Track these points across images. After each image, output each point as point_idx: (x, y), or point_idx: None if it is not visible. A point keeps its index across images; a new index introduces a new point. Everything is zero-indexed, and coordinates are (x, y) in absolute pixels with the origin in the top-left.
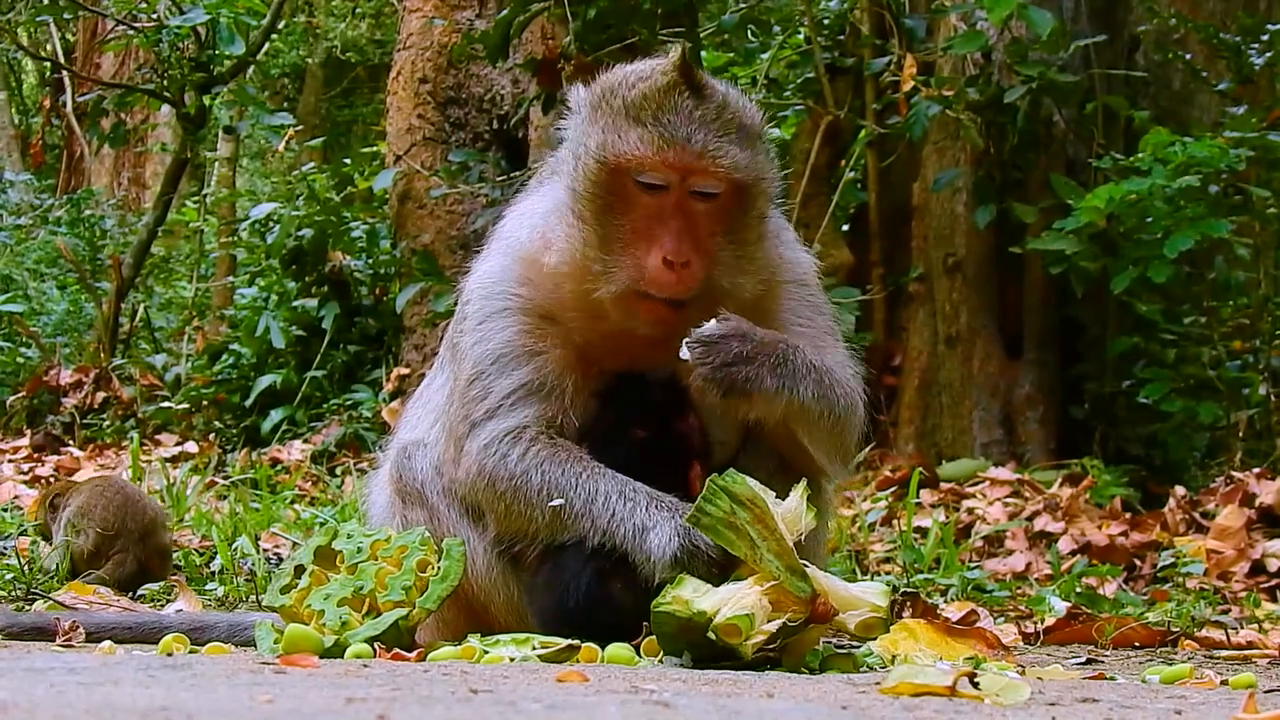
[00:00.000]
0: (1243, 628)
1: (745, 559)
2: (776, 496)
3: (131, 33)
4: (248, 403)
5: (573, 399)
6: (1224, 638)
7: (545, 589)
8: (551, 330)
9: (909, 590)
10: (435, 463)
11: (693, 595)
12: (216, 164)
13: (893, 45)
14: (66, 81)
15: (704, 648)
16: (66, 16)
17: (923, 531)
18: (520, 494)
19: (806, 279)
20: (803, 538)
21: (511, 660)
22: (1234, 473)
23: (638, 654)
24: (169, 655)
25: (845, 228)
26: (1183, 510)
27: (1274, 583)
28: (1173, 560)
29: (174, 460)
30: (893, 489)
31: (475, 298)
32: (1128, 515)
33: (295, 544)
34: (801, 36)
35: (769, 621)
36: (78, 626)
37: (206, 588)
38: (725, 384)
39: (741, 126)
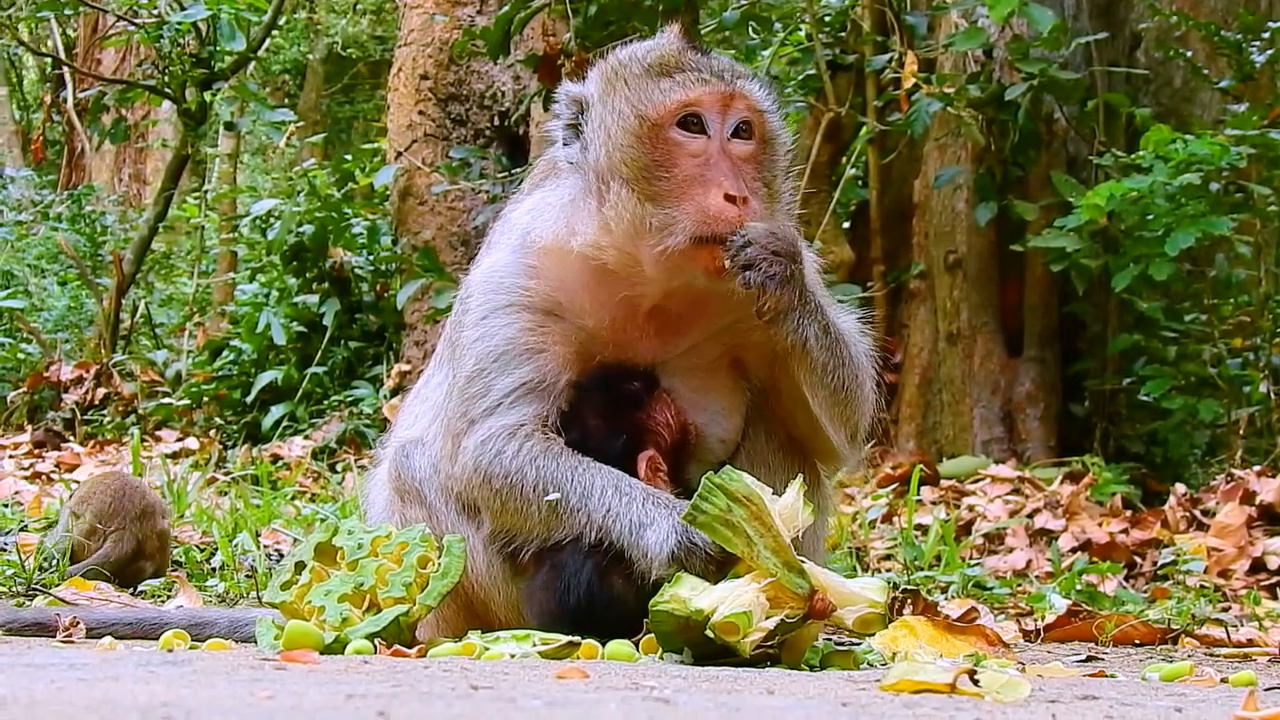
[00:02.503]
0: (1243, 625)
1: (742, 556)
2: (774, 493)
3: (132, 29)
4: (248, 399)
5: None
6: (1224, 635)
7: (544, 590)
8: (555, 327)
9: (909, 587)
10: (433, 461)
11: (690, 594)
12: (217, 160)
13: (894, 42)
14: (67, 77)
15: (703, 646)
16: (68, 12)
17: (923, 529)
18: (515, 490)
19: (811, 279)
20: (800, 534)
21: (512, 657)
22: (1234, 470)
23: (638, 651)
24: (169, 651)
25: (846, 225)
26: (1183, 508)
27: (1274, 580)
28: (1173, 558)
29: (174, 456)
30: (893, 486)
31: (479, 291)
32: (1128, 513)
33: (296, 540)
34: (802, 33)
35: (767, 619)
36: (78, 622)
37: (207, 584)
38: (755, 271)
39: (754, 76)
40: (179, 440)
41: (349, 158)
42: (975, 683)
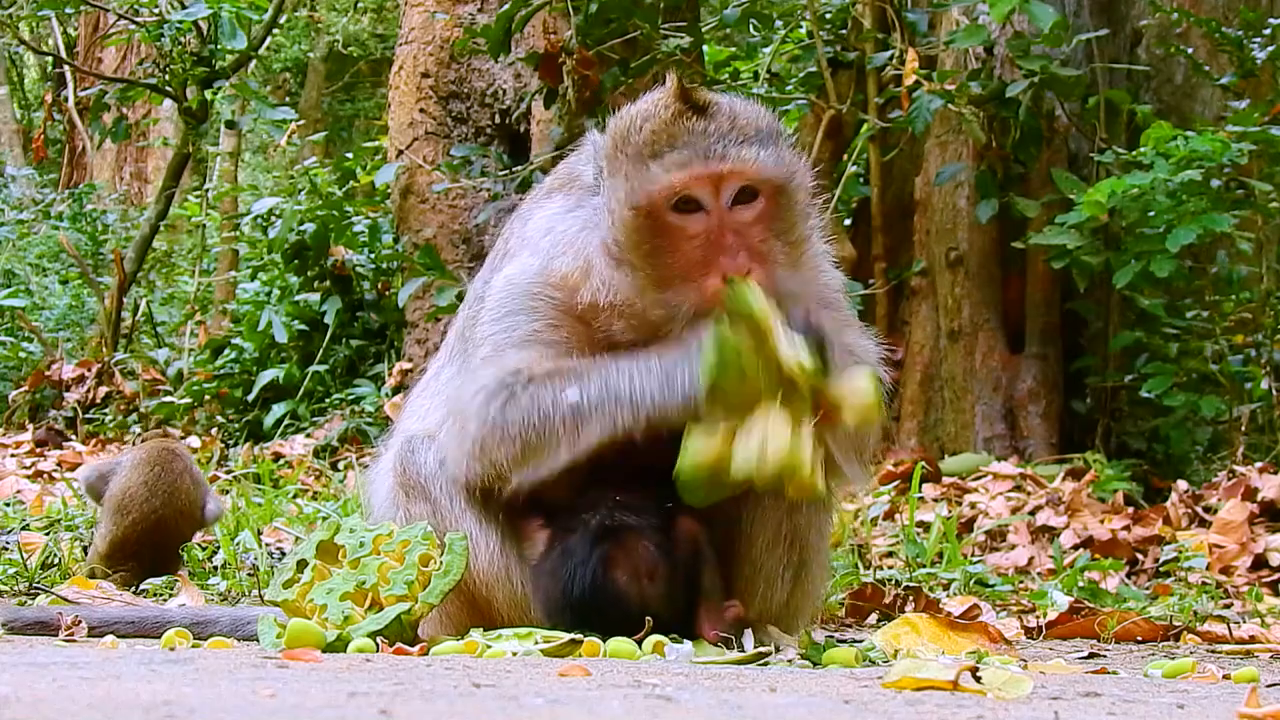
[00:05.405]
0: (1245, 622)
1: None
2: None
3: (133, 27)
4: (250, 397)
5: None
6: (1226, 632)
7: (550, 576)
8: (579, 328)
9: (911, 584)
10: (440, 456)
11: (716, 444)
12: (218, 159)
13: (895, 39)
14: (68, 76)
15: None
16: (68, 11)
17: (925, 526)
18: (535, 409)
19: (837, 303)
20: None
21: (514, 655)
22: (1236, 467)
23: (640, 648)
24: (172, 650)
25: (848, 222)
26: (1185, 504)
27: (1276, 577)
28: (1175, 555)
29: None
30: (895, 483)
31: (499, 293)
32: (1130, 510)
33: (298, 539)
34: (803, 30)
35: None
36: (80, 621)
37: (209, 582)
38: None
39: (758, 130)
40: (181, 439)
41: (350, 156)
42: (977, 680)
